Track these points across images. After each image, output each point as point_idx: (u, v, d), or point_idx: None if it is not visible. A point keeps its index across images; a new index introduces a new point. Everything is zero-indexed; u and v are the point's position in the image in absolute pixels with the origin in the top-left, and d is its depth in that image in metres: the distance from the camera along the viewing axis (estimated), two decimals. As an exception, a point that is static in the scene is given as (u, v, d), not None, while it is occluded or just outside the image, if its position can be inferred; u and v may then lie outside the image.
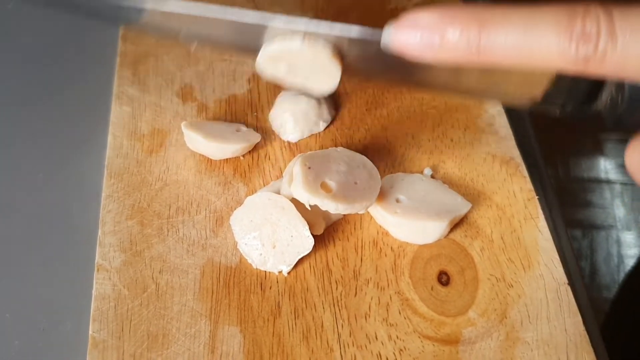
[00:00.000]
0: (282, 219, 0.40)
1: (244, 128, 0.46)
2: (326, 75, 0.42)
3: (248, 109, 0.49)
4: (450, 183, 0.44)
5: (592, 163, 1.44)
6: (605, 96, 0.34)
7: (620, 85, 0.33)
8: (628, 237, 1.33)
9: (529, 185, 0.44)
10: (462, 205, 0.42)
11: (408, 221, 0.41)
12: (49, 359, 0.39)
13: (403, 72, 0.40)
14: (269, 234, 0.40)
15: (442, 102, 0.49)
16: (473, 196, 0.44)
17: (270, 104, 0.49)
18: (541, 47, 0.26)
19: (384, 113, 0.49)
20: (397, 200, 0.42)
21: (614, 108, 0.34)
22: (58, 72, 0.54)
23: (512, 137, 0.47)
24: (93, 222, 0.42)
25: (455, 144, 0.47)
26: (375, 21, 0.33)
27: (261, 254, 0.40)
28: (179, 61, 0.52)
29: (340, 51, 0.40)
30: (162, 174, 0.44)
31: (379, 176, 0.41)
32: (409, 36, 0.28)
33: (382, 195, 0.42)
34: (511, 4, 0.28)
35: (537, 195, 0.44)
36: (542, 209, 0.45)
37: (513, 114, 0.53)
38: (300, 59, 0.42)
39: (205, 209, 0.43)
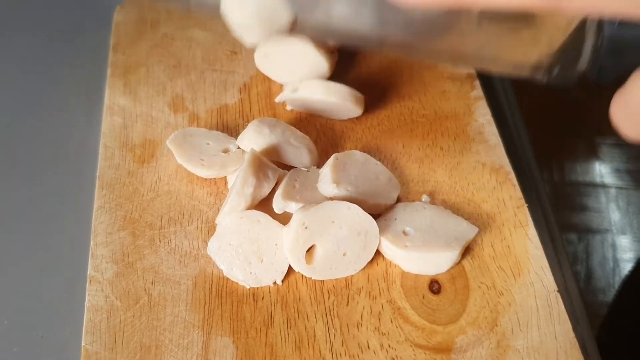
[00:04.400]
0: (261, 232, 0.40)
1: (233, 147, 0.45)
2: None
3: (240, 118, 0.49)
4: (441, 192, 0.45)
5: (588, 167, 1.45)
6: (586, 50, 0.35)
7: (599, 32, 0.34)
8: (623, 241, 1.34)
9: (518, 193, 0.45)
10: (469, 230, 0.41)
11: (420, 254, 0.40)
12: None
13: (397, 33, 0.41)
14: (253, 250, 0.40)
15: (432, 111, 0.50)
16: (463, 204, 0.44)
17: (261, 113, 0.50)
18: None
19: (374, 122, 0.49)
20: (405, 233, 0.41)
21: (596, 62, 0.34)
22: (49, 83, 0.54)
23: (502, 146, 0.48)
24: (86, 233, 0.42)
25: (445, 152, 0.47)
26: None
27: (251, 273, 0.40)
28: (170, 71, 0.52)
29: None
30: (153, 184, 0.45)
31: (374, 249, 0.40)
32: None
33: (388, 229, 0.41)
34: None
35: (527, 203, 0.44)
36: (537, 216, 0.45)
37: (505, 121, 0.54)
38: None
39: (197, 220, 0.43)
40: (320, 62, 0.47)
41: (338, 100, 0.45)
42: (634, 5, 0.26)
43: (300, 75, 0.48)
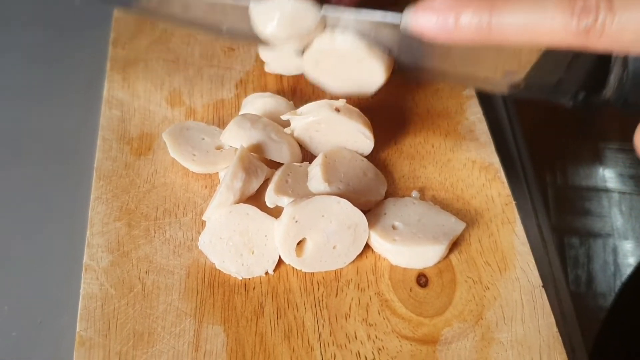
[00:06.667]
0: (250, 224, 0.41)
1: (227, 145, 0.46)
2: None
3: (236, 113, 0.50)
4: (431, 188, 0.46)
5: (591, 171, 1.45)
6: (612, 81, 0.35)
7: (624, 65, 0.34)
8: (625, 245, 1.34)
9: (506, 190, 0.46)
10: (457, 225, 0.42)
11: (408, 248, 0.41)
12: (45, 350, 0.41)
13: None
14: (244, 242, 0.41)
15: (424, 109, 0.51)
16: (452, 200, 0.45)
17: (257, 109, 0.50)
18: (546, 23, 0.29)
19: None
20: (394, 227, 0.42)
21: (620, 90, 0.35)
22: (50, 77, 0.55)
23: (492, 143, 0.48)
24: (84, 222, 0.43)
25: (436, 149, 0.48)
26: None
27: (243, 264, 0.40)
28: (168, 66, 0.53)
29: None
30: (149, 176, 0.46)
31: (364, 242, 0.41)
32: (427, 19, 0.31)
33: (377, 223, 0.42)
34: None
35: (516, 200, 0.45)
36: (527, 214, 0.46)
37: (499, 120, 0.54)
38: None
39: (192, 211, 0.44)
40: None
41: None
42: None
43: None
